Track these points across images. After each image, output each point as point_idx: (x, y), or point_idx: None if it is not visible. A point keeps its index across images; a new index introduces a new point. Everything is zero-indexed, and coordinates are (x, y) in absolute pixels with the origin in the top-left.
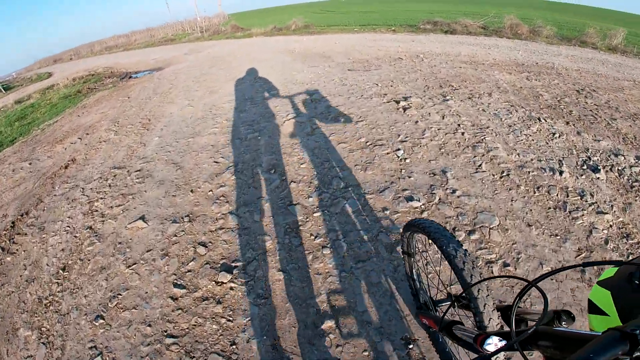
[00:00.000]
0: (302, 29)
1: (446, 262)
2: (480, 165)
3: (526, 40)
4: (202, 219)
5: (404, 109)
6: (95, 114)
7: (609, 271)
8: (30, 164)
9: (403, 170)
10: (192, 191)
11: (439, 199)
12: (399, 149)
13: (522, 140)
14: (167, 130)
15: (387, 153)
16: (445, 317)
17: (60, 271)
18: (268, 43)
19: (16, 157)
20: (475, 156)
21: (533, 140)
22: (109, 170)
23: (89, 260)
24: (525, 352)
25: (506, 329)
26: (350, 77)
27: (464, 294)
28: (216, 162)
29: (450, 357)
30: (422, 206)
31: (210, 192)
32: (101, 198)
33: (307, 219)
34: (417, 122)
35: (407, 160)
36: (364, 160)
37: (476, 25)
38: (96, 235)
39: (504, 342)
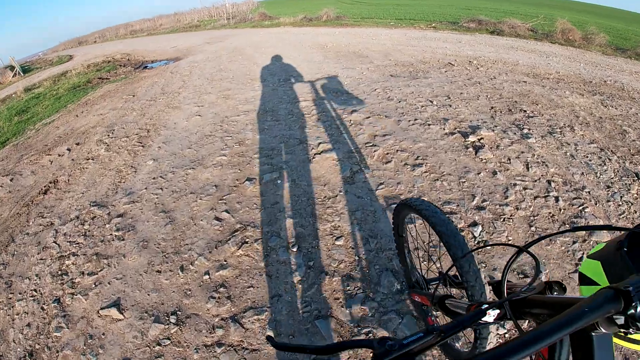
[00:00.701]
0: (333, 20)
1: (438, 243)
2: (581, 259)
3: (580, 49)
4: (194, 323)
5: (475, 150)
6: (94, 116)
7: (599, 245)
8: (11, 179)
9: (484, 264)
10: (182, 269)
11: None
12: (475, 223)
13: (624, 211)
14: (165, 151)
15: (460, 228)
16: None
17: (28, 357)
18: (297, 35)
19: (0, 166)
20: (574, 242)
21: (636, 212)
22: (88, 207)
23: (57, 352)
24: (518, 322)
25: None
26: (395, 88)
27: (454, 269)
28: (218, 219)
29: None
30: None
31: (207, 277)
32: (73, 254)
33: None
34: (495, 173)
35: (488, 247)
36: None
37: (525, 28)
38: (64, 316)
39: (496, 312)
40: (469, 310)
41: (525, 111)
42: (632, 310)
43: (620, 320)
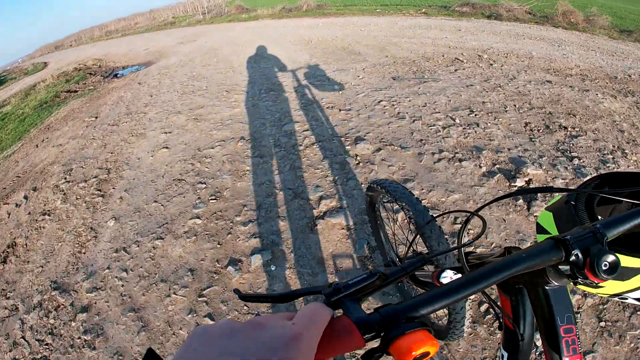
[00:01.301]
0: (314, 10)
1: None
2: None
3: (585, 33)
4: None
5: (527, 202)
6: (53, 147)
7: (556, 198)
8: None
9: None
10: None
11: None
12: None
13: None
14: (128, 204)
15: None
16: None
17: None
18: (277, 28)
19: None
20: None
21: None
22: (50, 290)
23: None
24: None
25: None
26: (402, 97)
27: (418, 237)
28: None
29: None
30: None
31: None
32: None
33: None
34: None
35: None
36: None
37: (522, 10)
38: None
39: (458, 275)
40: (432, 276)
41: (565, 128)
42: (573, 258)
43: (566, 269)
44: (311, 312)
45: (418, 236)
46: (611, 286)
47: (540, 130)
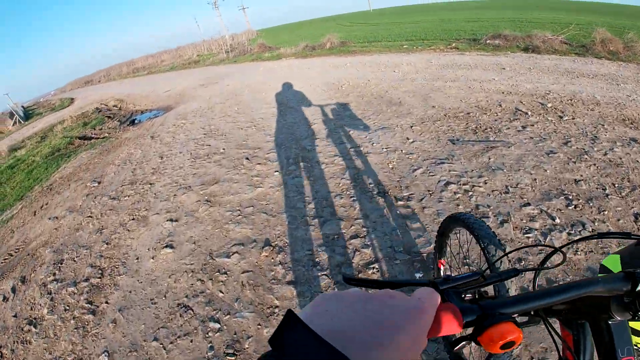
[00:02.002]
0: (338, 47)
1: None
2: None
3: (628, 62)
4: None
5: None
6: (49, 220)
7: (623, 246)
8: None
9: None
10: None
11: None
12: None
13: None
14: (123, 336)
15: None
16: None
17: None
18: (302, 69)
19: None
20: None
21: None
22: None
23: None
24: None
25: None
26: (473, 174)
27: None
28: None
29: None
30: None
31: None
32: None
33: None
34: None
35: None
36: None
37: (558, 41)
38: None
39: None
40: (496, 292)
41: None
42: (639, 289)
43: (630, 301)
44: (428, 295)
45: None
46: None
47: None
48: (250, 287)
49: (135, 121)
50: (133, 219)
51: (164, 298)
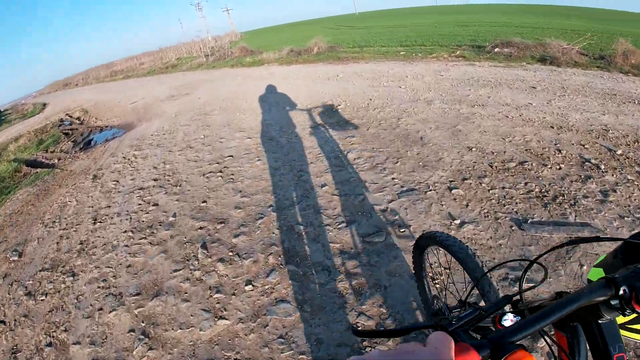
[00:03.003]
0: (327, 52)
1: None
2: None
3: None
4: None
5: None
6: None
7: (603, 256)
8: None
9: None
10: None
11: None
12: None
13: None
14: None
15: None
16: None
17: None
18: (286, 79)
19: None
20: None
21: None
22: None
23: None
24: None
25: None
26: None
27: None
28: None
29: None
30: None
31: None
32: None
33: None
34: None
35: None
36: None
37: (575, 51)
38: None
39: (518, 318)
40: (494, 321)
41: None
42: (621, 292)
43: (616, 303)
44: (443, 340)
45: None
46: None
47: None
48: None
49: (91, 142)
50: (50, 345)
51: None
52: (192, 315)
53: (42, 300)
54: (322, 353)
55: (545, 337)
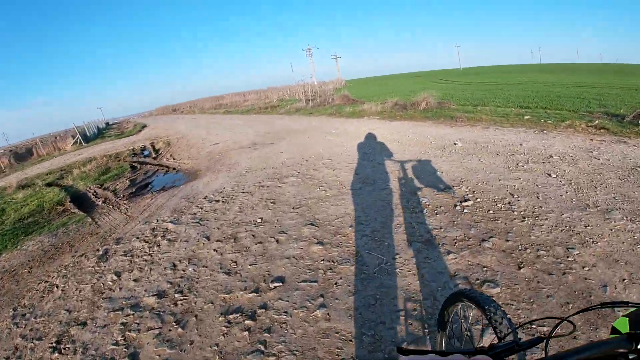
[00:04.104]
0: (436, 110)
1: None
2: None
3: None
4: None
5: None
6: None
7: (634, 308)
8: None
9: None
10: None
11: None
12: None
13: None
14: None
15: None
16: None
17: None
18: (391, 142)
19: None
20: None
21: None
22: None
23: None
24: None
25: None
26: None
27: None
28: None
29: None
30: None
31: None
32: None
33: None
34: None
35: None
36: None
37: None
38: None
39: None
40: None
41: None
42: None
43: (634, 357)
44: None
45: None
46: None
47: None
48: None
49: (148, 186)
50: None
51: None
52: None
53: None
54: None
55: None
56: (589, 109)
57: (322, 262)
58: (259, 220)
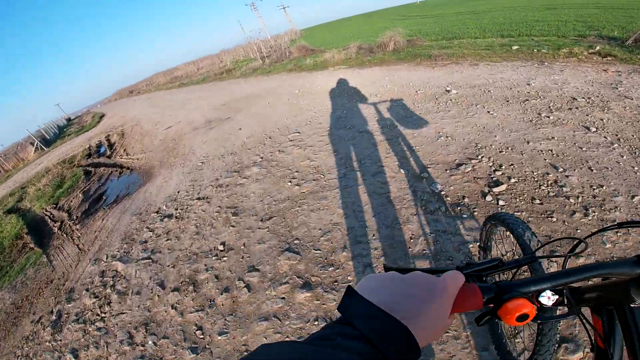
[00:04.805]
0: (407, 49)
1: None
2: None
3: None
4: None
5: None
6: None
7: None
8: None
9: None
10: None
11: None
12: None
13: None
14: None
15: None
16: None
17: None
18: (369, 102)
19: None
20: None
21: None
22: None
23: None
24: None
25: None
26: None
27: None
28: None
29: (507, 347)
30: None
31: None
32: None
33: None
34: None
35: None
36: None
37: None
38: None
39: (556, 296)
40: (531, 297)
41: None
42: None
43: None
44: (454, 276)
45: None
46: None
47: None
48: None
49: (102, 198)
50: None
51: None
52: None
53: None
54: None
55: (582, 319)
56: (577, 32)
57: (315, 323)
58: (221, 248)
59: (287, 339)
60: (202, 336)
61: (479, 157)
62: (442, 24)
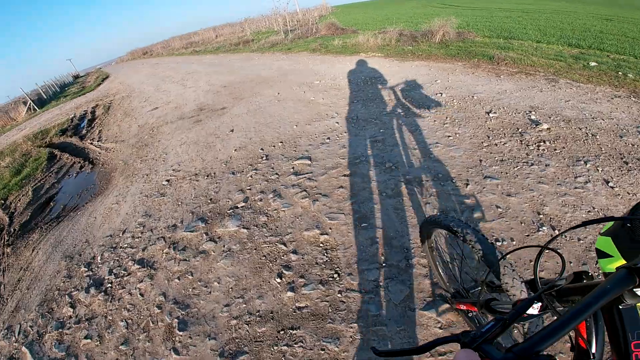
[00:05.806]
0: (456, 42)
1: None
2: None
3: None
4: None
5: None
6: None
7: (608, 224)
8: None
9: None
10: None
11: None
12: None
13: None
14: None
15: None
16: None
17: None
18: (416, 110)
19: None
20: None
21: None
22: None
23: None
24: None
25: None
26: None
27: (492, 274)
28: None
29: None
30: None
31: None
32: None
33: None
34: None
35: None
36: None
37: None
38: None
39: (539, 305)
40: (515, 306)
41: None
42: None
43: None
44: (465, 356)
45: (489, 272)
46: None
47: None
48: None
49: (48, 206)
50: None
51: None
52: None
53: None
54: None
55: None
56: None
57: None
58: None
59: None
60: None
61: None
62: (492, 20)
